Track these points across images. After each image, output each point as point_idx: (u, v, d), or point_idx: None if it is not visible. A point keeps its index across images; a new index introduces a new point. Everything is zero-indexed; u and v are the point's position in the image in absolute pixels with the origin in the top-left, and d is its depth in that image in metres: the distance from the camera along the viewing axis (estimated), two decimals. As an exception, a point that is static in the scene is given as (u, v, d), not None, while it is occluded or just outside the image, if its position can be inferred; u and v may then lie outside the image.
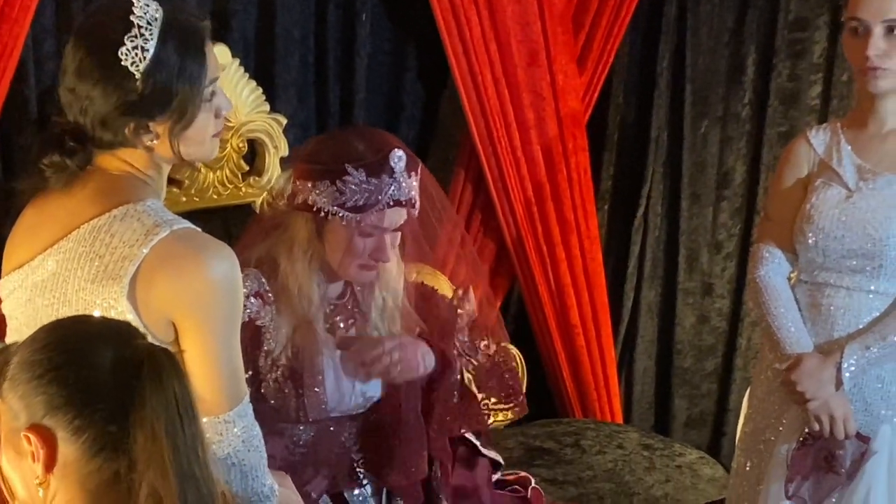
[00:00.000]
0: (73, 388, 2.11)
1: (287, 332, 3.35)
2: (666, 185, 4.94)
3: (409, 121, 4.49)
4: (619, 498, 4.14)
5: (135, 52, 2.76)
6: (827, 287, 3.45)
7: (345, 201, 3.24)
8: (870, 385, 3.40)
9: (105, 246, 2.75)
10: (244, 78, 3.91)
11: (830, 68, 4.84)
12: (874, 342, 3.35)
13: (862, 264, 3.41)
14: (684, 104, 4.85)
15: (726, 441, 5.00)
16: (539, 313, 4.65)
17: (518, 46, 4.38)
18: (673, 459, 4.38)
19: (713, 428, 5.04)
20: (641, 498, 4.17)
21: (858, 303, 3.44)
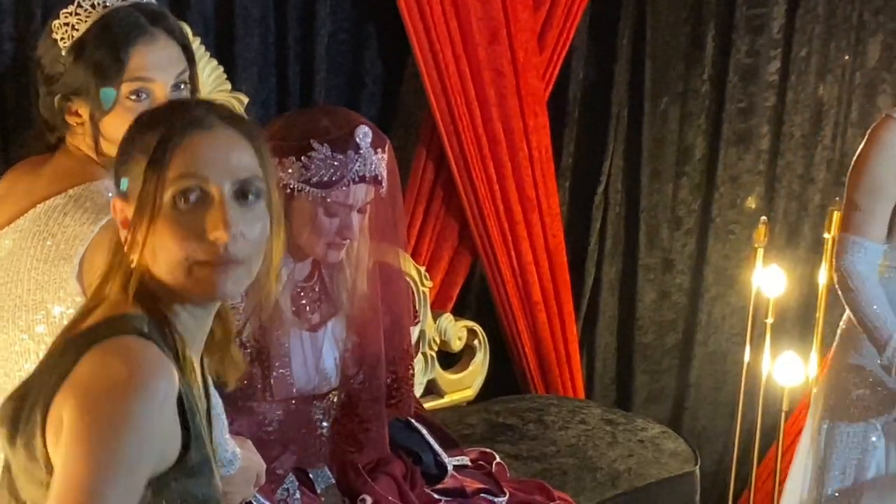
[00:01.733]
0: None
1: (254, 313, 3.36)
2: (626, 162, 4.97)
3: (370, 99, 4.50)
4: (582, 472, 4.15)
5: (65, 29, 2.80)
6: None
7: (310, 177, 3.24)
8: None
9: (58, 225, 2.77)
10: (205, 56, 3.90)
11: (789, 44, 4.87)
12: None
13: None
14: (644, 81, 4.88)
15: (687, 415, 5.05)
16: (501, 290, 4.66)
17: (478, 24, 4.39)
18: (635, 434, 4.40)
19: (674, 403, 5.08)
20: (604, 472, 4.18)
21: None
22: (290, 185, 3.27)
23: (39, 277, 2.77)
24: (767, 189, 4.93)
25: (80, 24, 2.84)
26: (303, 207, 3.28)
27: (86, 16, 2.85)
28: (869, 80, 4.84)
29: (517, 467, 3.92)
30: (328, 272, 3.45)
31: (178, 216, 1.99)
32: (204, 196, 1.99)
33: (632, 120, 4.92)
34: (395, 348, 3.59)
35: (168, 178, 1.99)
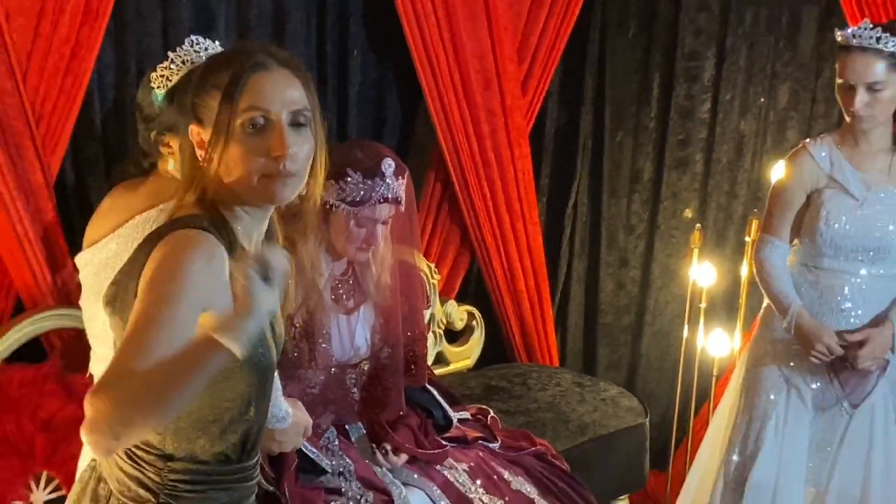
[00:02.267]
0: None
1: (301, 301, 3.36)
2: (590, 182, 4.96)
3: (391, 133, 4.51)
4: (557, 424, 4.15)
5: (161, 80, 2.81)
6: (834, 272, 3.56)
7: (345, 197, 3.25)
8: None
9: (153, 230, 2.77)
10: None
11: (717, 89, 4.84)
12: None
13: (866, 255, 3.52)
14: (604, 119, 4.87)
15: (639, 379, 5.05)
16: (493, 282, 4.66)
17: (475, 75, 4.39)
18: (598, 394, 4.40)
19: (629, 369, 5.07)
20: (575, 423, 4.19)
21: (863, 281, 3.55)
22: (329, 202, 3.28)
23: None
24: (701, 203, 4.91)
25: (172, 76, 2.85)
26: (339, 220, 3.29)
27: (177, 70, 2.86)
28: (780, 117, 4.83)
29: (507, 420, 3.93)
30: (359, 268, 3.45)
31: (246, 138, 2.04)
32: (267, 123, 2.04)
33: (595, 150, 4.92)
34: (412, 329, 3.60)
35: (239, 109, 2.03)
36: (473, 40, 4.36)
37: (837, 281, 3.55)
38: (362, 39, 4.33)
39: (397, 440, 3.46)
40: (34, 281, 3.46)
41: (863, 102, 3.36)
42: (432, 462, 3.48)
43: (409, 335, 3.57)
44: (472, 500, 3.41)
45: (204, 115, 2.09)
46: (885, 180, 3.50)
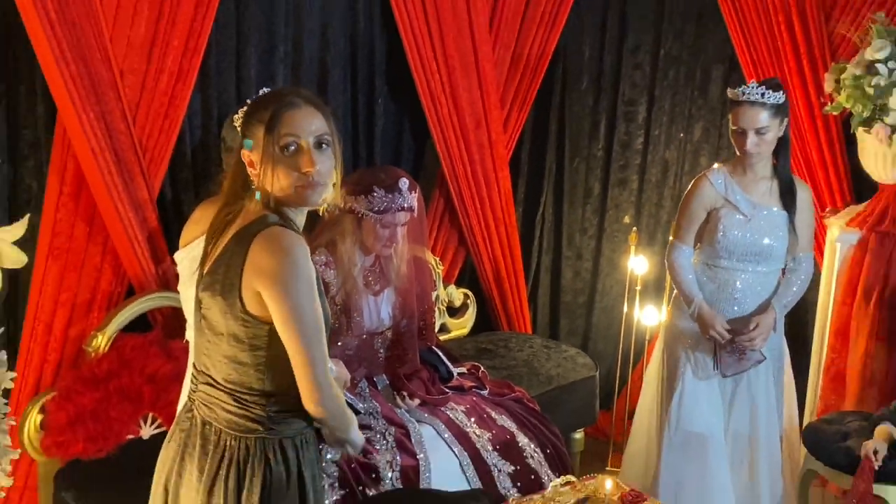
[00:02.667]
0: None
1: (339, 286, 3.37)
2: (554, 197, 4.94)
3: (406, 162, 4.48)
4: (531, 376, 4.15)
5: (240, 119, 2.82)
6: (729, 270, 3.59)
7: (372, 207, 3.28)
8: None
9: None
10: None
11: (648, 127, 4.83)
12: (784, 300, 3.59)
13: (753, 258, 3.56)
14: (565, 149, 4.86)
15: (591, 343, 5.03)
16: (483, 271, 4.65)
17: (469, 118, 4.39)
18: (561, 354, 4.39)
19: (583, 336, 5.06)
20: (544, 376, 4.19)
21: (750, 277, 3.59)
22: (360, 212, 3.30)
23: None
24: (636, 212, 4.92)
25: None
26: (368, 225, 3.31)
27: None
28: (695, 148, 4.82)
29: (493, 373, 3.93)
30: (384, 261, 3.48)
31: (284, 159, 2.12)
32: (298, 147, 2.13)
33: (557, 173, 4.90)
34: (423, 304, 3.62)
35: (278, 137, 2.11)
36: (467, 92, 4.35)
37: (731, 277, 3.59)
38: (385, 91, 4.31)
39: (412, 388, 3.48)
40: (142, 271, 3.46)
41: (753, 143, 3.41)
42: (438, 405, 3.50)
43: (422, 309, 3.60)
44: (468, 433, 3.43)
45: (252, 143, 2.17)
46: (766, 201, 3.55)
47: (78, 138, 3.26)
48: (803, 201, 3.58)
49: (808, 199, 3.62)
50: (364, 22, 4.14)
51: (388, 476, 3.20)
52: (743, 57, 4.53)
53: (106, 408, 3.29)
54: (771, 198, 3.56)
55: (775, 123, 3.42)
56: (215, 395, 2.24)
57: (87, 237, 3.38)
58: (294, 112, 2.14)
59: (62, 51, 3.15)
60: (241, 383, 2.20)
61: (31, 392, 3.32)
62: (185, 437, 2.29)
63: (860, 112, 4.02)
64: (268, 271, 2.10)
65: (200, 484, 2.22)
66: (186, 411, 2.33)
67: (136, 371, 3.35)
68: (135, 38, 3.36)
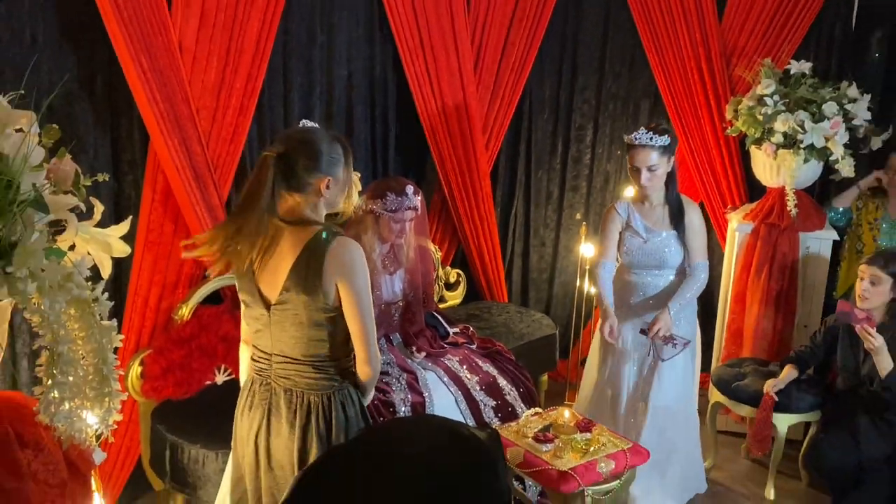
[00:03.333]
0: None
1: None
2: (524, 201, 4.91)
3: (412, 174, 4.45)
4: (508, 335, 4.14)
5: None
6: (637, 277, 3.49)
7: (386, 208, 3.27)
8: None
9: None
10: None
11: (594, 147, 4.82)
12: (680, 301, 3.39)
13: (654, 268, 3.46)
14: (531, 164, 4.84)
15: (552, 310, 5.01)
16: (472, 256, 4.63)
17: (459, 141, 4.37)
18: (531, 317, 4.39)
19: (546, 304, 5.04)
20: (517, 334, 4.18)
21: (651, 280, 3.48)
22: (377, 211, 3.29)
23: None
24: (585, 210, 4.91)
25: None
26: (384, 221, 3.30)
27: None
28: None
29: (479, 332, 3.92)
30: (396, 248, 3.46)
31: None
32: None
33: (526, 182, 4.87)
34: (427, 281, 3.61)
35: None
36: (457, 121, 4.33)
37: (639, 282, 3.49)
38: (396, 123, 4.29)
39: (419, 344, 3.48)
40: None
41: (646, 178, 3.29)
42: (439, 356, 3.50)
43: (425, 284, 3.59)
44: (461, 377, 3.43)
45: (336, 173, 2.23)
46: (660, 226, 3.43)
47: (165, 159, 3.25)
48: (692, 220, 3.41)
49: (696, 217, 3.43)
50: (380, 69, 4.13)
51: (402, 410, 3.20)
52: (664, 93, 4.54)
53: (189, 361, 3.29)
54: (664, 222, 3.42)
55: (663, 161, 3.28)
56: (294, 368, 2.24)
57: (173, 233, 3.37)
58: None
59: (153, 93, 3.15)
60: (316, 355, 2.21)
61: (133, 350, 3.32)
62: (266, 404, 2.29)
63: (753, 134, 4.04)
64: (345, 269, 2.13)
65: (294, 432, 2.23)
66: (263, 386, 2.31)
67: (212, 333, 3.35)
68: (207, 83, 3.35)
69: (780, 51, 4.28)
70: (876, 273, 3.44)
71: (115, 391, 1.65)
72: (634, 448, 2.88)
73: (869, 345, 3.37)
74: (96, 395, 1.62)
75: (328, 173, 2.18)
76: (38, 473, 1.59)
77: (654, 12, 4.46)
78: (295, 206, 2.20)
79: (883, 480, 3.43)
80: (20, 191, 1.45)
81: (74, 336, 1.58)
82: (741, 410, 3.83)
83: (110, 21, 2.99)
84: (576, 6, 4.63)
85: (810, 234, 4.12)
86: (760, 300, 4.11)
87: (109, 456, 3.32)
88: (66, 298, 1.53)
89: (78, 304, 1.58)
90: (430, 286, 3.67)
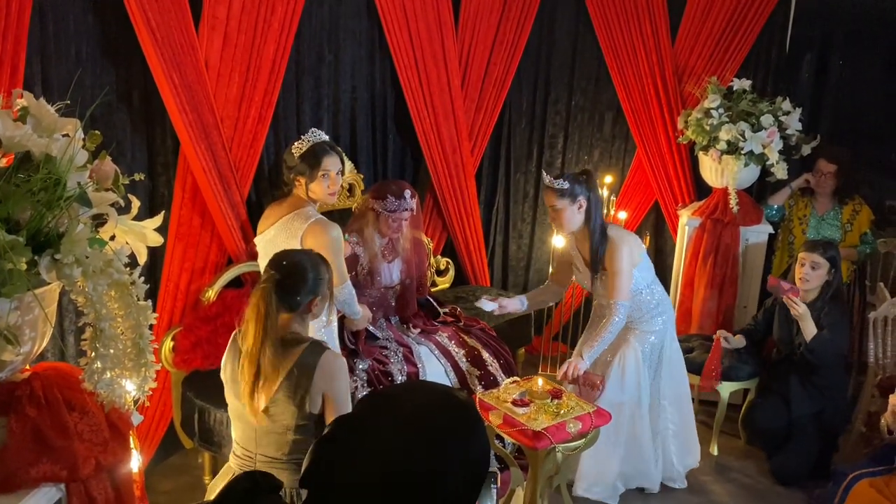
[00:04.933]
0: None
1: (366, 257, 3.36)
2: (504, 199, 4.89)
3: (408, 176, 4.43)
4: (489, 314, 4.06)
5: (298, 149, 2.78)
6: (597, 300, 3.23)
7: (386, 207, 3.26)
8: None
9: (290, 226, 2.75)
10: (349, 162, 3.88)
11: (564, 153, 4.81)
12: (593, 345, 3.01)
13: (596, 295, 3.22)
14: (511, 167, 4.83)
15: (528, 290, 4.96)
16: (459, 246, 4.60)
17: (448, 147, 4.34)
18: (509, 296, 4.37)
19: (523, 287, 5.02)
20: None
21: (600, 304, 3.20)
22: (378, 210, 3.27)
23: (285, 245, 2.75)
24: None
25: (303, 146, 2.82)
26: (383, 218, 3.29)
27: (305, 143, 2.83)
28: (595, 166, 4.82)
29: (466, 313, 3.90)
30: (394, 241, 3.45)
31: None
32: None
33: (506, 182, 4.86)
34: (420, 272, 3.60)
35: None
36: (447, 130, 4.30)
37: (603, 304, 3.15)
38: (394, 130, 4.26)
39: (414, 321, 3.48)
40: (236, 248, 3.44)
41: (552, 218, 3.01)
42: (431, 332, 3.49)
43: (420, 272, 3.58)
44: (450, 351, 3.43)
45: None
46: (586, 257, 3.14)
47: (193, 162, 3.22)
48: (612, 261, 2.98)
49: (616, 254, 2.97)
50: (379, 84, 4.10)
51: (399, 379, 3.20)
52: (625, 106, 4.54)
53: (215, 336, 3.27)
54: (589, 256, 3.08)
55: (563, 203, 2.93)
56: (278, 468, 2.06)
57: (200, 226, 3.35)
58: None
59: (182, 104, 3.11)
60: (300, 457, 2.03)
61: (166, 327, 3.30)
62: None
63: (701, 142, 4.05)
64: (332, 383, 2.02)
65: None
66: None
67: (234, 312, 3.32)
68: (230, 96, 3.32)
69: (724, 70, 4.29)
70: (816, 259, 3.45)
71: (151, 362, 1.64)
72: (598, 412, 2.88)
73: (794, 312, 3.40)
74: (134, 366, 1.61)
75: (317, 293, 2.10)
76: (83, 433, 1.58)
77: (616, 36, 4.46)
78: (284, 324, 2.09)
79: (810, 437, 3.48)
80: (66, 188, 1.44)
81: (115, 314, 1.57)
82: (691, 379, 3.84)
83: (145, 42, 2.96)
84: (549, 32, 4.61)
85: (749, 228, 4.14)
86: (706, 284, 4.13)
87: (146, 419, 3.31)
88: (108, 282, 1.52)
89: (118, 287, 1.56)
90: (423, 276, 3.66)
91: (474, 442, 1.01)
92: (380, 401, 1.04)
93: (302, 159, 2.88)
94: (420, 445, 0.97)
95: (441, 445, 0.97)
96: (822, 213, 4.12)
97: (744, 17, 4.25)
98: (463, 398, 1.08)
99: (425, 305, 3.62)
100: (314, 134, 2.94)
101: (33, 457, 1.49)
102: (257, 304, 2.05)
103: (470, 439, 1.00)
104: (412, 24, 4.03)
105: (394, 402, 1.03)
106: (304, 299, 2.08)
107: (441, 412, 1.01)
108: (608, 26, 4.47)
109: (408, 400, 1.03)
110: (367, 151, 4.15)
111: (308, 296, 2.09)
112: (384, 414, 1.00)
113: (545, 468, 2.76)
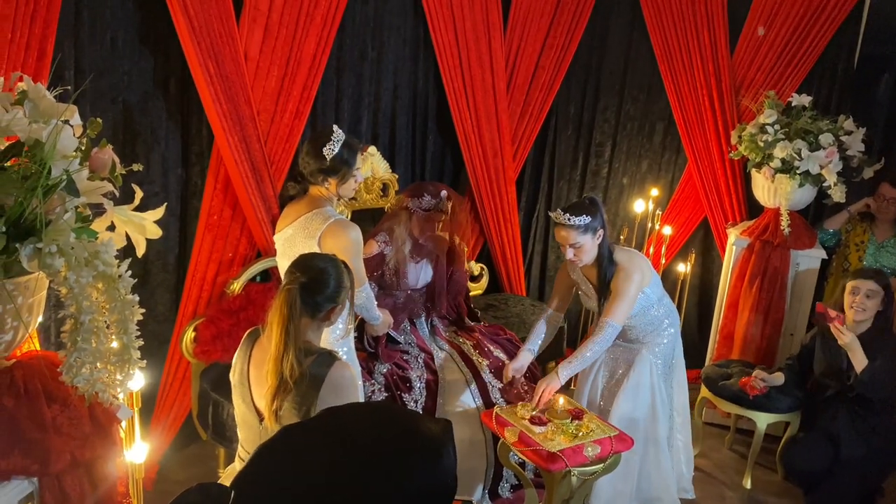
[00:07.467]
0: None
1: (393, 257, 3.29)
2: (545, 206, 4.75)
3: (446, 179, 4.34)
4: (520, 324, 3.98)
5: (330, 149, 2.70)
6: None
7: (421, 206, 3.19)
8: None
9: (309, 225, 2.69)
10: (384, 161, 3.82)
11: (611, 162, 4.64)
12: (574, 362, 2.95)
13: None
14: (554, 175, 4.68)
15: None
16: (496, 254, 4.48)
17: (490, 151, 4.23)
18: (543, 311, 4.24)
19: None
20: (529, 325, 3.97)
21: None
22: (412, 209, 3.20)
23: (303, 245, 2.70)
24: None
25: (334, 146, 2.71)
26: (418, 219, 3.22)
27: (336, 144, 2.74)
28: (642, 177, 4.66)
29: (495, 321, 3.81)
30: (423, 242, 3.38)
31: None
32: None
33: (548, 190, 4.71)
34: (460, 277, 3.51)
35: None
36: (489, 133, 4.19)
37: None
38: (434, 130, 4.17)
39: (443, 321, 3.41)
40: (266, 242, 3.40)
41: (570, 255, 2.86)
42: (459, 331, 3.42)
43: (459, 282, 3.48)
44: (473, 359, 3.33)
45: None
46: (594, 287, 3.01)
47: (226, 153, 3.18)
48: (618, 286, 2.88)
49: (627, 281, 2.88)
50: (422, 83, 4.01)
51: (417, 385, 3.11)
52: (678, 117, 4.36)
53: (237, 330, 3.24)
54: (596, 286, 3.00)
55: (585, 238, 2.82)
56: None
57: (231, 218, 3.32)
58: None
59: (218, 96, 3.08)
60: None
61: (190, 317, 3.29)
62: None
63: (754, 158, 3.86)
64: (339, 394, 1.92)
65: None
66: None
67: (258, 306, 3.29)
68: (268, 89, 3.28)
69: (785, 84, 4.06)
70: (872, 287, 3.28)
71: (135, 359, 1.58)
72: (620, 436, 2.73)
73: (841, 341, 3.24)
74: (118, 361, 1.55)
75: (338, 301, 2.05)
76: (62, 427, 1.53)
77: (672, 44, 4.27)
78: (302, 330, 2.02)
79: (853, 478, 3.24)
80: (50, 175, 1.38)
81: (100, 308, 1.51)
82: (725, 407, 3.65)
83: (182, 30, 2.93)
84: (601, 37, 4.44)
85: (801, 252, 3.90)
86: (751, 308, 3.91)
87: (165, 406, 3.30)
88: (93, 273, 1.46)
89: (105, 280, 1.51)
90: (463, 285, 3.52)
91: (423, 475, 0.96)
92: (331, 418, 0.99)
93: (338, 160, 2.76)
94: (353, 467, 0.92)
95: (376, 471, 0.93)
96: (881, 240, 3.86)
97: (810, 29, 4.01)
98: (428, 431, 0.99)
99: (455, 322, 3.52)
100: (338, 133, 2.86)
101: (6, 448, 1.44)
102: (280, 307, 1.99)
103: (416, 472, 0.95)
104: (459, 24, 3.92)
105: (344, 419, 0.99)
106: (325, 306, 2.03)
107: (391, 440, 0.96)
108: (664, 34, 4.27)
109: (362, 420, 0.99)
110: (406, 151, 4.06)
111: (329, 303, 2.02)
112: (331, 429, 0.97)
113: (559, 492, 2.62)
